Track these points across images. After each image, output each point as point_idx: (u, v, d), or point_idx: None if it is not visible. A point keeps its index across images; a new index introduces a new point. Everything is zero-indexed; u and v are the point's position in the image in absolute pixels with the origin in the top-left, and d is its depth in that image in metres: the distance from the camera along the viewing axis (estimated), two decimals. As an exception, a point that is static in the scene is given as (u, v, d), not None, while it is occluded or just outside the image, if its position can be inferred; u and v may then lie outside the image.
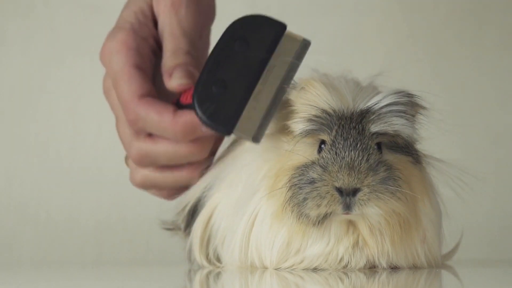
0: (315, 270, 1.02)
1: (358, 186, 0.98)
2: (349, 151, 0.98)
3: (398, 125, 1.00)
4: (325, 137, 1.00)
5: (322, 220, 0.99)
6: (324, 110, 1.00)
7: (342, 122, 0.99)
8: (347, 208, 0.98)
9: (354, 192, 0.98)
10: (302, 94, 1.02)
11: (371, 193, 0.98)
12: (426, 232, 1.03)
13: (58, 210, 1.64)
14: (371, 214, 0.99)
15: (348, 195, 0.98)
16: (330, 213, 0.99)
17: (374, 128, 0.99)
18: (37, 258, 1.60)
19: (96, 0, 1.68)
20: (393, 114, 1.00)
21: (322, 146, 1.00)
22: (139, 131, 1.09)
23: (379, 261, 1.01)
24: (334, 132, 0.99)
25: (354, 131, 0.99)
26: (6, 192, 1.65)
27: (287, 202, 1.00)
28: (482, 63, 1.69)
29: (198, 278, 1.03)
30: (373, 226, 0.99)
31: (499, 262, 1.37)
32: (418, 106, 1.02)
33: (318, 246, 1.01)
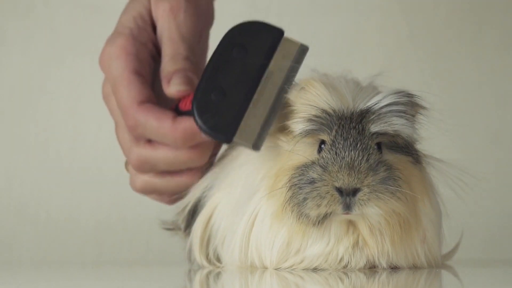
0: (315, 270, 1.01)
1: (358, 186, 0.98)
2: (349, 151, 0.98)
3: (398, 125, 1.00)
4: (325, 137, 1.00)
5: (322, 220, 0.99)
6: (324, 110, 1.00)
7: (342, 122, 0.99)
8: (347, 208, 0.98)
9: (354, 192, 0.98)
10: (302, 94, 1.02)
11: (371, 193, 0.98)
12: (426, 232, 1.03)
13: (58, 210, 1.64)
14: (371, 214, 0.98)
15: (348, 195, 0.98)
16: (330, 213, 0.98)
17: (374, 128, 0.99)
18: (37, 258, 1.59)
19: (96, 0, 1.68)
20: (393, 114, 1.00)
21: (322, 146, 1.00)
22: (139, 137, 1.08)
23: (379, 261, 1.01)
24: (334, 132, 0.99)
25: (354, 131, 0.99)
26: (6, 192, 1.65)
27: (287, 202, 1.00)
28: (482, 63, 1.69)
29: (198, 278, 1.03)
30: (373, 226, 0.99)
31: (499, 262, 1.37)
32: (418, 106, 1.02)
33: (318, 246, 1.01)
